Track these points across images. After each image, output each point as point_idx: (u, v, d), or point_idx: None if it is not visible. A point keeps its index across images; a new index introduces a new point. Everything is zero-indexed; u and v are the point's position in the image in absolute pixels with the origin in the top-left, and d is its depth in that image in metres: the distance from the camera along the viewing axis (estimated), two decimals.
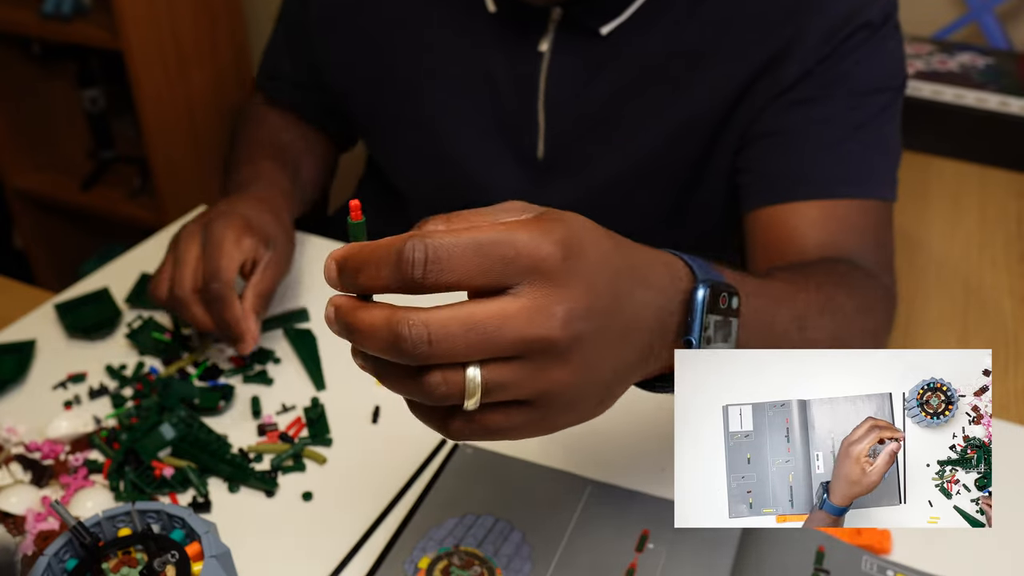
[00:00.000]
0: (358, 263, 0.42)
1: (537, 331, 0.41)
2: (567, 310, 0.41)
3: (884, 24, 0.81)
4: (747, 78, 0.82)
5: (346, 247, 0.43)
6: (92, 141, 2.22)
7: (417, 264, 0.40)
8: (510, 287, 0.41)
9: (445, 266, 0.40)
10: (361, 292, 0.43)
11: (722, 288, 0.51)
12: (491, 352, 0.41)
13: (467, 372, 0.41)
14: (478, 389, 0.41)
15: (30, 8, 1.92)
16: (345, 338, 0.44)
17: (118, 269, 0.96)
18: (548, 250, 0.41)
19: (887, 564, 0.64)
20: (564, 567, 0.63)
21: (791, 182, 0.81)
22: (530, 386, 0.42)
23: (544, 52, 0.85)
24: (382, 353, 0.42)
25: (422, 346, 0.40)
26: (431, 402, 0.43)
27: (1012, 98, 1.31)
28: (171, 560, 0.52)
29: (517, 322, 0.41)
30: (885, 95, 0.82)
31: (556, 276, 0.41)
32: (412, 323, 0.40)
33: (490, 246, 0.40)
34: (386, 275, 0.41)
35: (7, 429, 0.74)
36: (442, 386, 0.41)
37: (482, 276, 0.40)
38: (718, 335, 0.51)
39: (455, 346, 0.40)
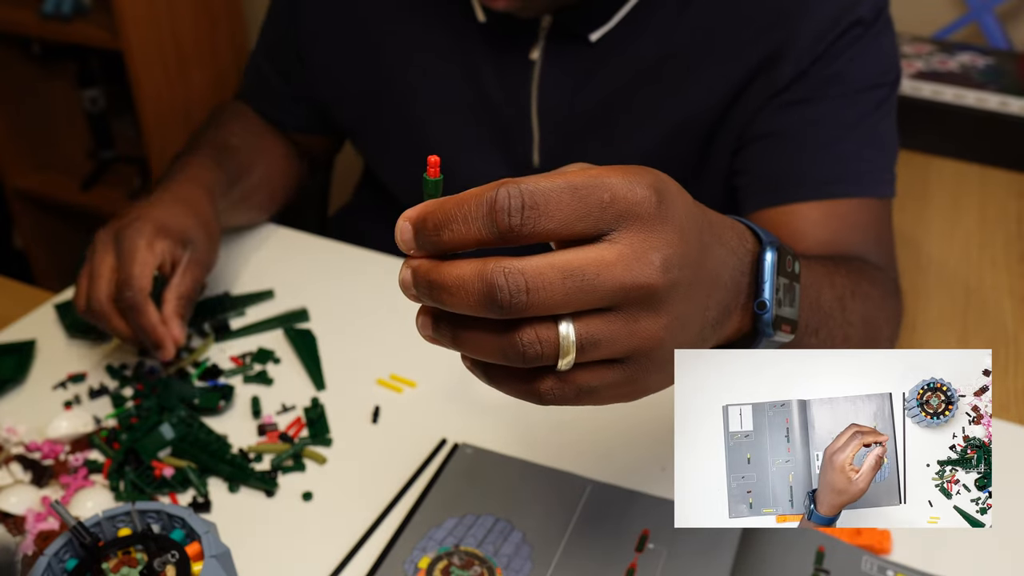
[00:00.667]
0: (441, 218, 0.39)
1: (636, 278, 0.39)
2: (664, 256, 0.40)
3: (876, 20, 0.81)
4: (741, 79, 0.82)
5: (420, 206, 0.41)
6: (92, 141, 2.22)
7: (515, 211, 0.38)
8: (605, 233, 0.39)
9: (543, 212, 0.38)
10: (444, 250, 0.40)
11: (787, 252, 0.50)
12: (589, 302, 0.39)
13: (560, 328, 0.39)
14: (573, 346, 0.40)
15: (30, 8, 1.92)
16: (426, 300, 0.41)
17: None
18: (643, 194, 0.40)
19: (887, 564, 0.64)
20: (564, 567, 0.63)
21: (790, 183, 0.81)
22: (624, 341, 0.41)
23: (535, 60, 0.85)
24: (474, 308, 0.39)
25: (520, 295, 0.38)
26: (522, 363, 0.40)
27: (1012, 98, 1.31)
28: (171, 560, 0.52)
29: (616, 269, 0.39)
30: (880, 91, 0.82)
31: (651, 222, 0.40)
32: (509, 271, 0.38)
33: (586, 189, 0.39)
34: (478, 228, 0.39)
35: (7, 429, 0.74)
36: (536, 344, 0.39)
37: (579, 222, 0.39)
38: (786, 299, 0.49)
39: (553, 295, 0.38)
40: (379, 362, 0.82)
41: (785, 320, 0.50)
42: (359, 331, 0.86)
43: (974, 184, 1.26)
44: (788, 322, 0.50)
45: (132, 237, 0.77)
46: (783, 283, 0.49)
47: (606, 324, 0.40)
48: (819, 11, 0.79)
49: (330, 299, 0.91)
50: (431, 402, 0.78)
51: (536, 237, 0.39)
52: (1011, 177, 1.27)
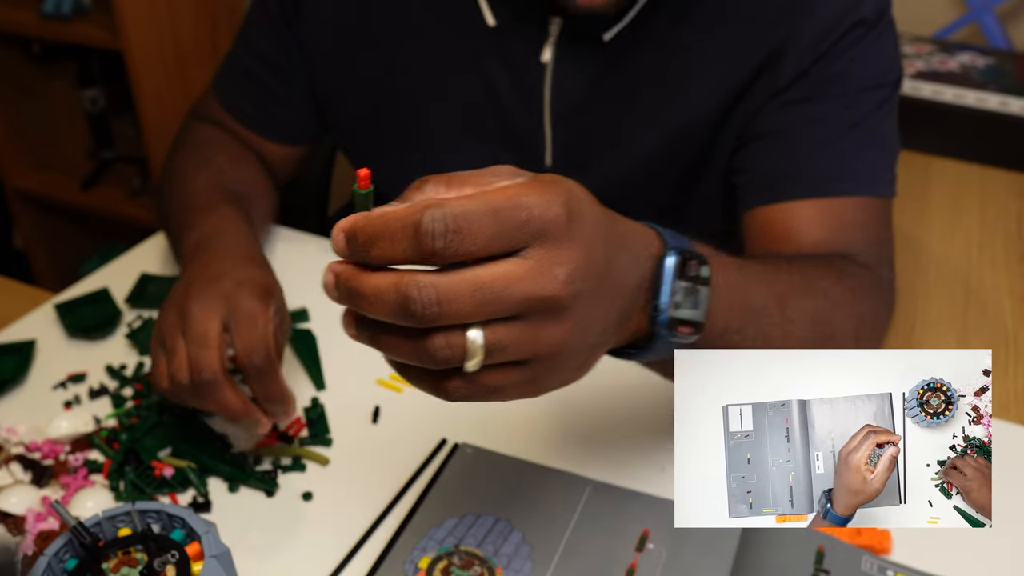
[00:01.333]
0: (371, 235, 0.42)
1: (542, 290, 0.42)
2: (569, 271, 0.43)
3: (879, 21, 0.81)
4: (744, 79, 0.82)
5: (353, 217, 0.43)
6: (92, 141, 2.22)
7: (439, 235, 0.40)
8: (520, 249, 0.42)
9: (465, 235, 0.40)
10: (371, 263, 0.43)
11: (691, 256, 0.52)
12: (497, 312, 0.42)
13: (468, 335, 0.42)
14: (480, 351, 0.42)
15: (30, 8, 1.92)
16: (346, 303, 0.44)
17: (118, 269, 0.96)
18: (556, 211, 0.42)
19: (887, 564, 0.64)
20: (564, 567, 0.63)
21: (787, 181, 0.81)
22: (528, 346, 0.43)
23: (547, 63, 0.85)
24: (389, 316, 0.42)
25: (432, 307, 0.40)
26: (433, 365, 0.43)
27: (1012, 98, 1.31)
28: (171, 560, 0.52)
29: (524, 283, 0.42)
30: (881, 91, 0.82)
31: (560, 238, 0.42)
32: (422, 285, 0.41)
33: (507, 211, 0.41)
34: (403, 249, 0.41)
35: (7, 429, 0.74)
36: (445, 349, 0.42)
37: (498, 241, 0.41)
38: (686, 302, 0.52)
39: (463, 307, 0.41)
40: (379, 362, 0.81)
41: (684, 322, 0.52)
42: None
43: (974, 184, 1.26)
44: (688, 324, 0.53)
45: (248, 300, 0.69)
46: (683, 287, 0.52)
47: (512, 331, 0.43)
48: (822, 11, 0.79)
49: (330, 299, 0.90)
50: (431, 402, 0.78)
51: (458, 258, 0.41)
52: (1011, 177, 1.27)
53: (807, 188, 0.80)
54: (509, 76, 0.87)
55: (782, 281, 0.65)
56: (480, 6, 0.85)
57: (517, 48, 0.86)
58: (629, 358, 0.55)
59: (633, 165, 0.89)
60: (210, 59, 2.00)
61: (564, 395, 0.78)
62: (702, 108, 0.84)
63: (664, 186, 0.90)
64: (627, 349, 0.54)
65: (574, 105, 0.87)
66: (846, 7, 0.79)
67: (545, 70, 0.85)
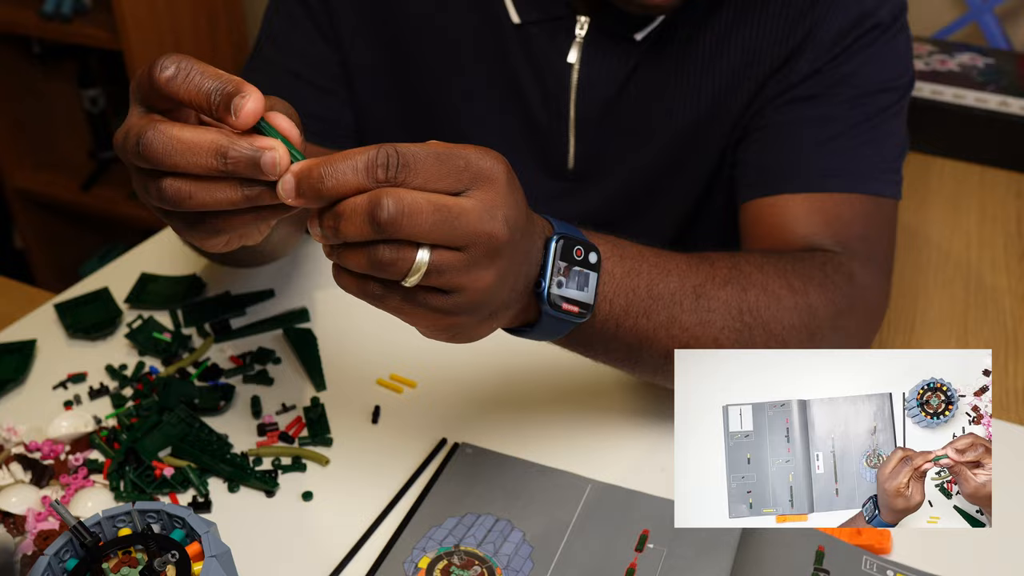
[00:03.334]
0: (328, 169, 0.47)
1: (486, 227, 0.49)
2: (507, 216, 0.50)
3: (893, 24, 0.81)
4: (764, 74, 0.82)
5: (303, 162, 0.48)
6: (92, 141, 2.22)
7: (391, 167, 0.47)
8: (463, 191, 0.49)
9: (412, 169, 0.47)
10: (322, 198, 0.47)
11: (577, 242, 0.58)
12: (447, 237, 0.48)
13: (419, 252, 0.48)
14: (423, 267, 0.48)
15: (30, 8, 1.92)
16: (313, 204, 0.48)
17: (118, 269, 0.96)
18: (491, 164, 0.50)
19: (887, 564, 0.64)
20: (564, 567, 0.63)
21: (780, 175, 0.81)
22: (462, 277, 0.50)
23: (573, 64, 0.84)
24: (358, 227, 0.47)
25: (397, 216, 0.46)
26: (378, 273, 0.49)
27: (1012, 98, 1.31)
28: (171, 560, 0.52)
29: (472, 216, 0.48)
30: (890, 95, 0.82)
31: (499, 186, 0.50)
32: (391, 195, 0.46)
33: (447, 156, 0.48)
34: (358, 178, 0.46)
35: (7, 429, 0.74)
36: (394, 256, 0.48)
37: (441, 180, 0.48)
38: (572, 283, 0.58)
39: (422, 222, 0.47)
40: (379, 362, 0.83)
41: (568, 300, 0.57)
42: (359, 331, 0.86)
43: (974, 184, 1.26)
44: (574, 302, 0.58)
45: None
46: (565, 267, 0.57)
47: (454, 259, 0.49)
48: (844, 12, 0.79)
49: (330, 299, 0.91)
50: (431, 402, 0.78)
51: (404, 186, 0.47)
52: (1011, 177, 1.27)
53: (799, 182, 0.80)
54: (534, 76, 0.86)
55: (703, 272, 0.68)
56: (505, 3, 0.84)
57: (543, 47, 0.85)
58: (524, 335, 0.60)
59: (655, 165, 0.88)
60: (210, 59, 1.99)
61: (564, 395, 0.79)
62: (724, 106, 0.84)
63: (685, 184, 0.90)
64: (522, 328, 0.60)
65: (600, 105, 0.86)
66: (865, 11, 0.80)
67: (571, 71, 0.85)
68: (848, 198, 0.80)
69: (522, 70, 0.86)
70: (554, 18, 0.83)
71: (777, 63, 0.82)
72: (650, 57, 0.84)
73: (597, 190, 0.91)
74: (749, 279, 0.69)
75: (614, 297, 0.62)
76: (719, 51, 0.83)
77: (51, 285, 2.13)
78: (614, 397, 0.79)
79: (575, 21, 0.83)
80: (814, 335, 0.71)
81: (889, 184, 0.82)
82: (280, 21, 0.93)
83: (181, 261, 0.96)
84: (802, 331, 0.70)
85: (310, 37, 0.91)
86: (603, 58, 0.84)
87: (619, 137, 0.88)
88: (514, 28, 0.85)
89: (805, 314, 0.71)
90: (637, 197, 0.92)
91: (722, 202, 0.91)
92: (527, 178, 0.91)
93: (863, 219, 0.80)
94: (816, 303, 0.72)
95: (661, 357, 0.66)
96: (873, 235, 0.81)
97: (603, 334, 0.63)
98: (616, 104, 0.86)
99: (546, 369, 0.81)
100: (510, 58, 0.86)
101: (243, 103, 0.49)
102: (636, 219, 0.93)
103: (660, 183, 0.91)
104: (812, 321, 0.71)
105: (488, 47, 0.87)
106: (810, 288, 0.72)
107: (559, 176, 0.91)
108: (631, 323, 0.63)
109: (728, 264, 0.70)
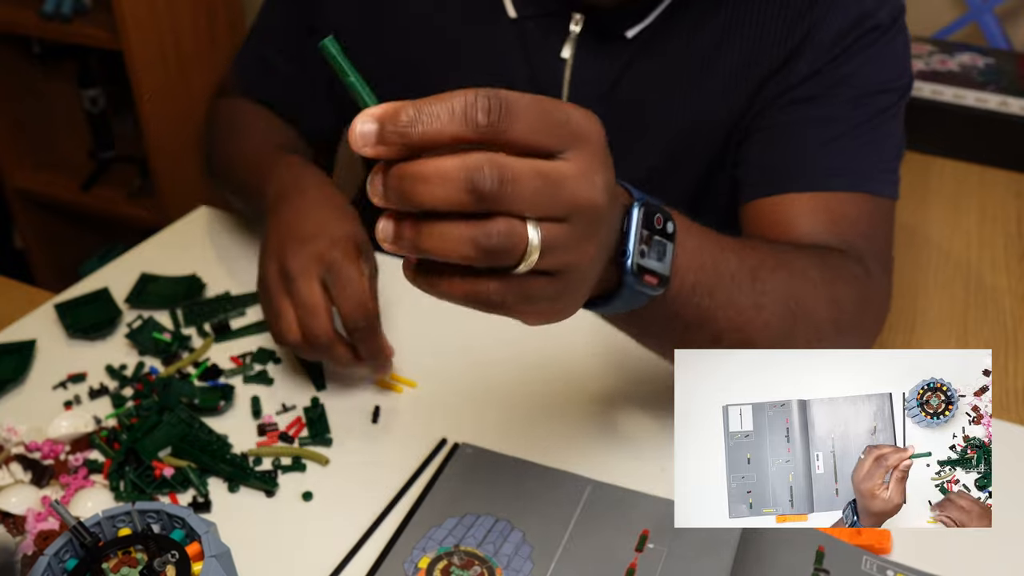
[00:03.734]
0: (416, 113, 0.40)
1: (588, 194, 0.44)
2: (605, 180, 0.45)
3: (892, 25, 0.81)
4: (763, 75, 0.82)
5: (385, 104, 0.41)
6: (92, 141, 2.22)
7: (493, 111, 0.41)
8: (560, 152, 0.43)
9: (514, 116, 0.41)
10: (411, 147, 0.41)
11: (656, 210, 0.54)
12: (551, 208, 0.43)
13: (528, 229, 0.42)
14: (536, 250, 0.43)
15: (30, 8, 1.92)
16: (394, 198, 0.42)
17: (118, 269, 0.96)
18: (591, 125, 0.45)
19: (887, 564, 0.64)
20: (564, 567, 0.63)
21: (784, 175, 0.81)
22: (572, 253, 0.45)
23: (566, 59, 0.85)
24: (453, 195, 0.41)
25: (501, 184, 0.40)
26: (484, 258, 0.42)
27: (1012, 98, 1.31)
28: (171, 560, 0.52)
29: (572, 182, 0.43)
30: (888, 95, 0.82)
31: (596, 149, 0.45)
32: (491, 159, 0.41)
33: (550, 105, 0.43)
34: (455, 124, 0.40)
35: (7, 429, 0.74)
36: (506, 237, 0.41)
37: (541, 133, 0.42)
38: (652, 252, 0.54)
39: (525, 191, 0.41)
40: None
41: (649, 271, 0.54)
42: None
43: (974, 184, 1.26)
44: (654, 274, 0.54)
45: (344, 261, 0.74)
46: (647, 235, 0.53)
47: (563, 232, 0.44)
48: (843, 13, 0.80)
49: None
50: (431, 402, 0.78)
51: (504, 138, 0.41)
52: (1011, 177, 1.27)
53: (803, 182, 0.80)
54: (528, 71, 0.86)
55: (756, 255, 0.66)
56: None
57: (537, 42, 0.85)
58: (600, 309, 0.56)
59: (651, 164, 0.89)
60: (210, 59, 2.00)
61: (565, 395, 0.79)
62: (720, 106, 0.84)
63: (680, 184, 0.90)
64: (598, 299, 0.55)
65: (592, 102, 0.86)
66: (865, 11, 0.80)
67: (564, 66, 0.85)
68: (852, 197, 0.80)
69: (517, 65, 0.87)
70: (549, 13, 0.83)
71: (776, 64, 0.82)
72: (644, 55, 0.84)
73: None
74: (792, 267, 0.68)
75: (685, 272, 0.59)
76: (717, 51, 0.83)
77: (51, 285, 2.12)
78: (614, 397, 0.79)
79: (570, 17, 0.83)
80: (841, 330, 0.71)
81: (889, 184, 0.82)
82: (275, 19, 0.95)
83: (181, 261, 0.96)
84: (831, 325, 0.70)
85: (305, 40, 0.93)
86: (596, 55, 0.84)
87: (612, 135, 0.88)
88: (510, 22, 0.85)
89: (835, 307, 0.71)
90: None
91: (722, 203, 0.91)
92: None
93: (866, 218, 0.80)
94: (843, 296, 0.72)
95: (710, 340, 0.64)
96: (876, 234, 0.81)
97: (669, 310, 0.60)
98: (608, 101, 0.86)
99: (546, 369, 0.81)
100: (506, 53, 0.86)
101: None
102: None
103: (656, 183, 0.91)
104: (840, 315, 0.71)
105: (485, 43, 0.87)
106: (838, 281, 0.72)
107: None
108: (696, 300, 0.61)
109: (774, 249, 0.69)
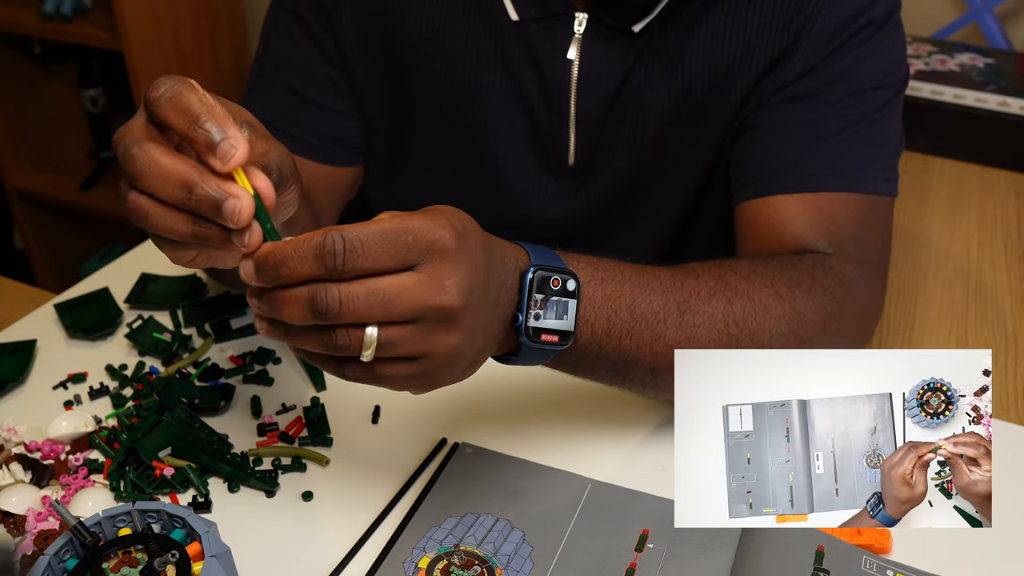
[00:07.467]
0: (280, 257, 0.49)
1: (433, 300, 0.51)
2: (457, 282, 0.51)
3: (888, 21, 0.81)
4: (761, 69, 0.82)
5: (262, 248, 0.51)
6: (92, 141, 2.22)
7: (338, 253, 0.49)
8: (413, 266, 0.50)
9: (360, 253, 0.49)
10: (280, 283, 0.50)
11: (553, 272, 0.59)
12: (391, 315, 0.50)
13: (367, 330, 0.50)
14: (373, 343, 0.51)
15: (30, 8, 1.92)
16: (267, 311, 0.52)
17: (118, 269, 0.96)
18: (440, 233, 0.51)
19: (887, 564, 0.64)
20: (564, 567, 0.63)
21: (775, 175, 0.81)
22: (418, 345, 0.52)
23: (573, 60, 0.84)
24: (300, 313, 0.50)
25: (334, 305, 0.49)
26: (335, 352, 0.51)
27: (1012, 98, 1.31)
28: (171, 560, 0.52)
29: (414, 291, 0.50)
30: (884, 92, 0.82)
31: (447, 254, 0.51)
32: (327, 287, 0.49)
33: (394, 234, 0.50)
34: (309, 266, 0.49)
35: (7, 429, 0.74)
36: (344, 338, 0.50)
37: (390, 259, 0.50)
38: (550, 312, 0.59)
39: (359, 307, 0.49)
40: None
41: (549, 331, 0.59)
42: None
43: (974, 184, 1.26)
44: (553, 332, 0.59)
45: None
46: (541, 299, 0.58)
47: (404, 332, 0.51)
48: (838, 9, 0.79)
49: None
50: (431, 402, 0.78)
51: (356, 273, 0.49)
52: (1011, 177, 1.27)
53: (793, 182, 0.80)
54: (534, 73, 0.86)
55: (687, 288, 0.68)
56: (504, 1, 0.84)
57: (542, 44, 0.84)
58: (510, 363, 0.62)
59: (658, 157, 0.88)
60: (210, 59, 2.00)
61: (565, 394, 0.79)
62: (724, 100, 0.84)
63: (687, 178, 0.90)
64: (507, 355, 0.61)
65: (601, 101, 0.86)
66: (861, 7, 0.79)
67: (571, 66, 0.85)
68: (844, 197, 0.80)
69: (522, 68, 0.86)
70: (552, 14, 0.83)
71: (771, 60, 0.82)
72: (650, 50, 0.83)
73: (598, 186, 0.91)
74: (735, 290, 0.69)
75: (595, 320, 0.63)
76: (715, 44, 0.83)
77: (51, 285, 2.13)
78: (614, 397, 0.79)
79: (573, 17, 0.83)
80: (804, 341, 0.71)
81: (885, 181, 0.81)
82: (279, 40, 0.91)
83: None
84: (791, 338, 0.70)
85: (312, 57, 0.90)
86: (603, 53, 0.84)
87: (620, 132, 0.88)
88: (513, 26, 0.85)
89: (793, 321, 0.71)
90: (638, 193, 0.92)
91: (723, 198, 0.91)
92: (528, 176, 0.92)
93: (858, 219, 0.80)
94: (804, 309, 0.71)
95: (648, 373, 0.67)
96: (867, 235, 0.81)
97: (587, 356, 0.65)
98: (617, 99, 0.86)
99: (546, 369, 0.81)
100: (510, 57, 0.86)
101: (230, 152, 0.51)
102: (637, 215, 0.93)
103: (662, 181, 0.90)
104: (801, 328, 0.71)
105: (488, 48, 0.87)
106: (798, 294, 0.72)
107: (560, 173, 0.90)
108: (614, 344, 0.65)
109: (714, 276, 0.70)
